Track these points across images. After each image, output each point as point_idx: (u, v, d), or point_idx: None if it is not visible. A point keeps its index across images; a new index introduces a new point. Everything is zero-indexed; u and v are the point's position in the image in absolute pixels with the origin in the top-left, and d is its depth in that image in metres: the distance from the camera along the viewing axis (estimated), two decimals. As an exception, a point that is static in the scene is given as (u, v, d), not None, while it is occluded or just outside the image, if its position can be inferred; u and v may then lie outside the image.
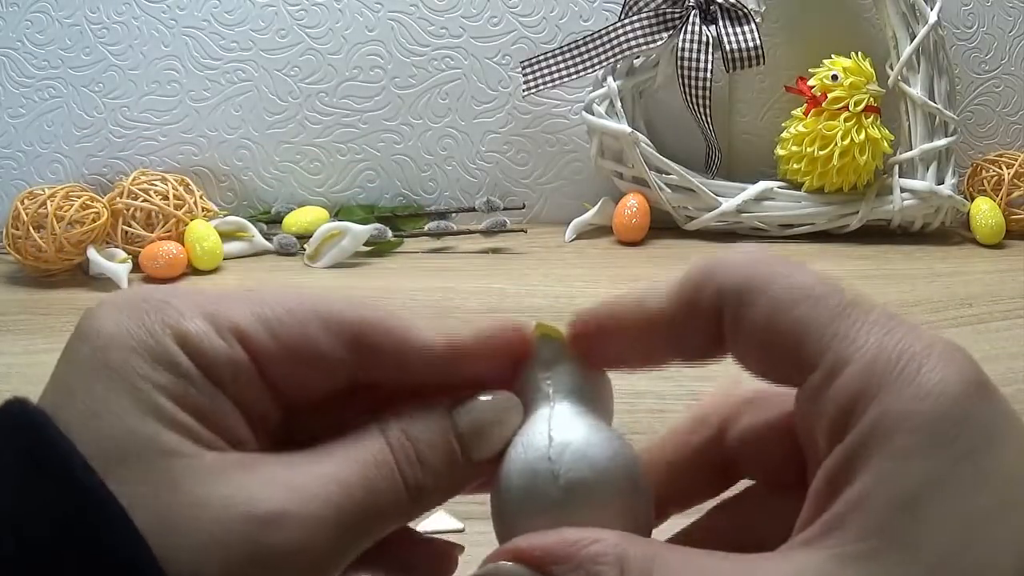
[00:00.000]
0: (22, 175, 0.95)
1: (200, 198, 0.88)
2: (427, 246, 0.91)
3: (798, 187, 0.93)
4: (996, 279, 0.81)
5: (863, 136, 0.89)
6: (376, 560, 0.26)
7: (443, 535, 0.27)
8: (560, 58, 0.93)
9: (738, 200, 0.92)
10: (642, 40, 0.90)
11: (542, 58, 0.93)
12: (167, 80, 0.95)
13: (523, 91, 0.94)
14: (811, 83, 0.91)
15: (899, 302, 0.75)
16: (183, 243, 0.83)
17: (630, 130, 0.91)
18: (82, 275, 0.82)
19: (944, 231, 0.94)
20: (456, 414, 0.24)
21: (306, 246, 0.87)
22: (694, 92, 0.90)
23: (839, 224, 0.92)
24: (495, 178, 0.99)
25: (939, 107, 0.90)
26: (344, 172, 0.98)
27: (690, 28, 0.89)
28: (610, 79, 0.92)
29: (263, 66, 0.96)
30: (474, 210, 0.93)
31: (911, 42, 0.90)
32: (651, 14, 0.90)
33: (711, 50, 0.89)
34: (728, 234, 0.94)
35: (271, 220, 0.94)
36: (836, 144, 0.89)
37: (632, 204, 0.92)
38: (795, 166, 0.92)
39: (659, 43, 0.90)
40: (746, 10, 0.89)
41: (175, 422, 0.21)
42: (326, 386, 0.24)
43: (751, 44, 0.89)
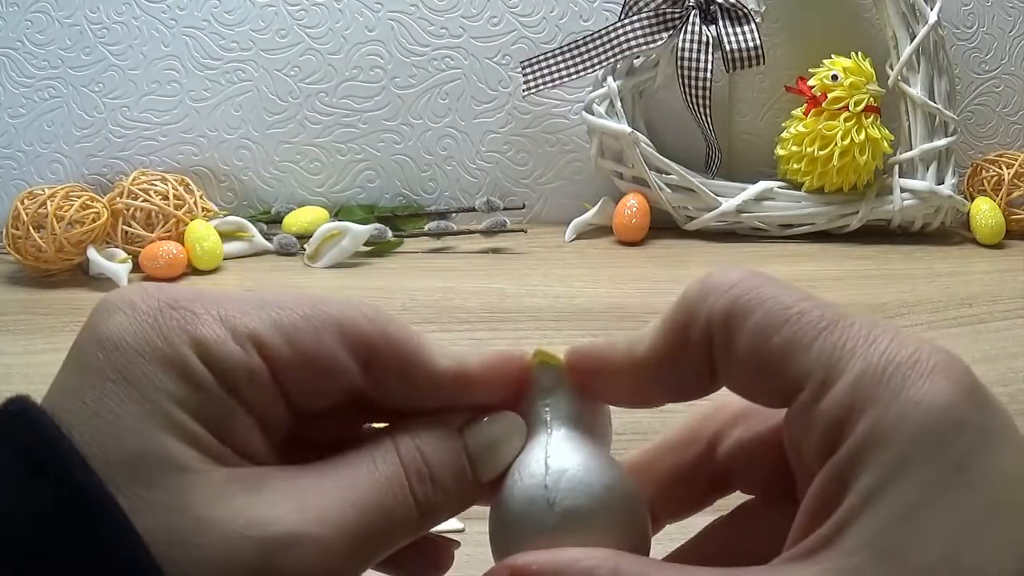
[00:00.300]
0: (22, 175, 0.95)
1: (200, 198, 0.88)
2: (427, 246, 0.91)
3: (798, 187, 0.93)
4: (996, 279, 0.81)
5: (863, 136, 0.89)
6: None
7: (443, 534, 0.27)
8: (560, 58, 0.93)
9: (738, 200, 0.92)
10: (642, 40, 0.90)
11: (542, 58, 0.93)
12: (167, 80, 0.95)
13: (523, 91, 0.94)
14: (811, 83, 0.91)
15: (899, 302, 0.75)
16: (183, 243, 0.83)
17: (630, 130, 0.91)
18: (82, 275, 0.82)
19: (944, 231, 0.94)
20: (467, 434, 0.25)
21: (306, 246, 0.87)
22: (694, 92, 0.90)
23: (839, 224, 0.92)
24: (495, 178, 0.99)
25: (939, 107, 0.90)
26: (344, 172, 0.98)
27: (690, 28, 0.89)
28: (610, 79, 0.92)
29: (263, 66, 0.96)
30: (474, 210, 0.93)
31: (911, 42, 0.90)
32: (651, 14, 0.90)
33: (711, 50, 0.89)
34: (728, 234, 0.94)
35: (271, 220, 0.94)
36: (836, 144, 0.89)
37: (632, 204, 0.92)
38: (795, 166, 0.92)
39: (659, 43, 0.90)
40: (746, 10, 0.89)
41: (187, 434, 0.21)
42: (336, 396, 0.24)
43: (751, 44, 0.89)
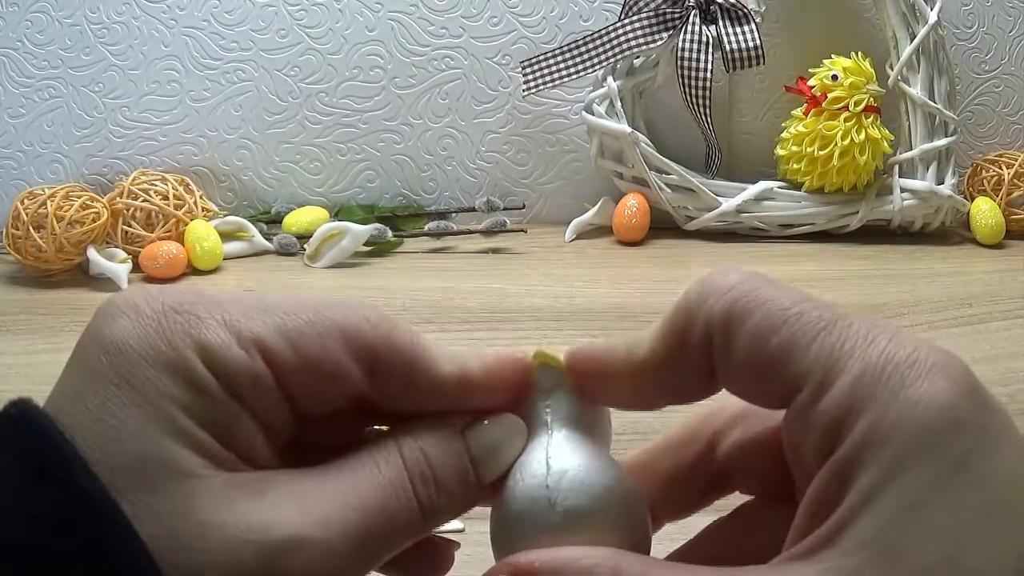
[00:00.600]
0: (22, 175, 0.95)
1: (200, 198, 0.88)
2: (427, 246, 0.91)
3: (798, 187, 0.93)
4: (996, 279, 0.81)
5: (863, 136, 0.89)
6: None
7: (443, 534, 0.27)
8: (560, 58, 0.93)
9: (738, 200, 0.92)
10: (642, 40, 0.90)
11: (542, 58, 0.93)
12: (167, 80, 0.95)
13: (523, 91, 0.93)
14: (811, 83, 0.91)
15: (899, 302, 0.75)
16: (183, 243, 0.83)
17: (630, 130, 0.91)
18: (82, 275, 0.82)
19: (944, 231, 0.94)
20: (469, 436, 0.25)
21: (306, 246, 0.87)
22: (694, 92, 0.90)
23: (839, 224, 0.92)
24: (495, 178, 0.99)
25: (939, 107, 0.90)
26: (344, 172, 0.98)
27: (690, 28, 0.89)
28: (610, 79, 0.92)
29: (263, 66, 0.96)
30: (474, 210, 0.93)
31: (911, 42, 0.90)
32: (651, 14, 0.90)
33: (711, 50, 0.89)
34: (728, 234, 0.94)
35: (271, 220, 0.94)
36: (836, 144, 0.89)
37: (632, 204, 0.92)
38: (795, 166, 0.92)
39: (659, 43, 0.90)
40: (746, 10, 0.89)
41: (191, 439, 0.21)
42: (340, 400, 0.24)
43: (751, 44, 0.89)
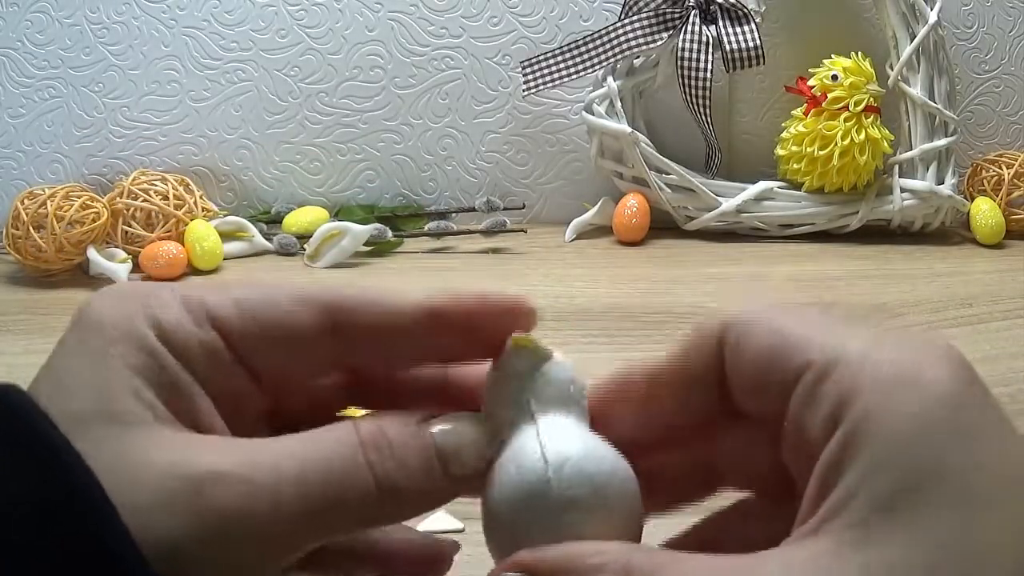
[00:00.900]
0: (22, 175, 0.95)
1: (200, 198, 0.88)
2: (427, 246, 0.91)
3: (798, 187, 0.93)
4: (996, 279, 0.81)
5: (863, 136, 0.89)
6: (370, 557, 0.26)
7: (443, 535, 0.28)
8: (560, 58, 0.93)
9: (738, 200, 0.92)
10: (642, 40, 0.90)
11: (542, 58, 0.93)
12: (167, 80, 0.95)
13: (523, 91, 0.93)
14: (811, 83, 0.91)
15: (899, 302, 0.75)
16: (183, 243, 0.83)
17: (630, 130, 0.91)
18: (82, 275, 0.82)
19: (944, 231, 0.94)
20: (433, 423, 0.24)
21: (306, 246, 0.87)
22: (694, 92, 0.90)
23: (839, 224, 0.92)
24: (495, 178, 0.99)
25: (939, 107, 0.90)
26: (344, 172, 0.98)
27: (690, 28, 0.89)
28: (610, 79, 0.92)
29: (263, 66, 0.96)
30: (474, 210, 0.93)
31: (911, 42, 0.90)
32: (651, 14, 0.90)
33: (711, 50, 0.89)
34: (728, 234, 0.94)
35: (271, 220, 0.94)
36: (836, 144, 0.89)
37: (632, 204, 0.92)
38: (795, 166, 0.92)
39: (659, 43, 0.90)
40: (746, 10, 0.89)
41: (138, 395, 0.22)
42: (305, 368, 0.25)
43: (751, 44, 0.89)
